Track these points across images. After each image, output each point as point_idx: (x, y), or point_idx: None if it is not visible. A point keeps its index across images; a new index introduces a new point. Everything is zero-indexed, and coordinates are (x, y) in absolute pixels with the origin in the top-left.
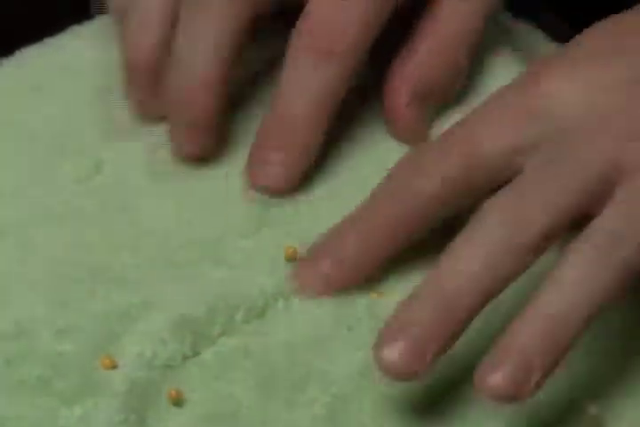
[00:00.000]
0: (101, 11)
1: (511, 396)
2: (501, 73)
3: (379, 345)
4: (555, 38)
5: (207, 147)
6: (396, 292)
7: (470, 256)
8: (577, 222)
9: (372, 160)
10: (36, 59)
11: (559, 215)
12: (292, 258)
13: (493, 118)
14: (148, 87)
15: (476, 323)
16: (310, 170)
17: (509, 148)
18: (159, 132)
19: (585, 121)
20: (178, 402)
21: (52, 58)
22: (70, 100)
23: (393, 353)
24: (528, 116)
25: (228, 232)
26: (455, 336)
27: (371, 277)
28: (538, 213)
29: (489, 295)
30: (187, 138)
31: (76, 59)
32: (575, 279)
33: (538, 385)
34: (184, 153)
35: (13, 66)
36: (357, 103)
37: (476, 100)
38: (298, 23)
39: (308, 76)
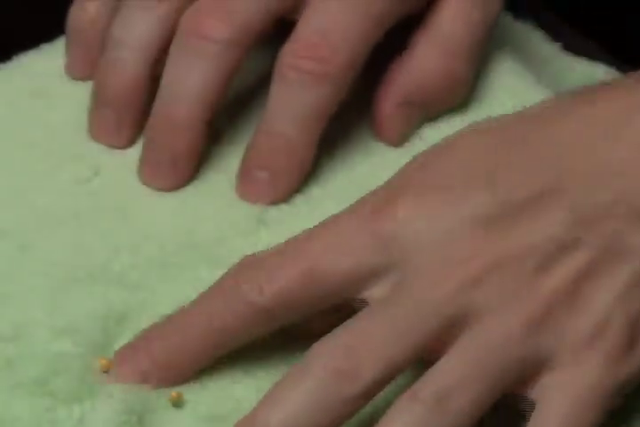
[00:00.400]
0: None
1: None
2: (504, 80)
3: None
4: (555, 38)
5: (178, 184)
6: None
7: (293, 401)
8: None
9: (369, 159)
10: (36, 64)
11: (392, 364)
12: None
13: (337, 237)
14: (123, 118)
15: None
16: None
17: (348, 272)
18: None
19: (429, 260)
20: (178, 403)
21: (52, 63)
22: (69, 106)
23: None
24: (371, 243)
25: (226, 233)
26: None
27: None
28: (369, 364)
29: None
30: (160, 175)
31: None
32: None
33: None
34: (153, 186)
35: (12, 71)
36: (354, 102)
37: (476, 107)
38: (289, 40)
39: (297, 96)
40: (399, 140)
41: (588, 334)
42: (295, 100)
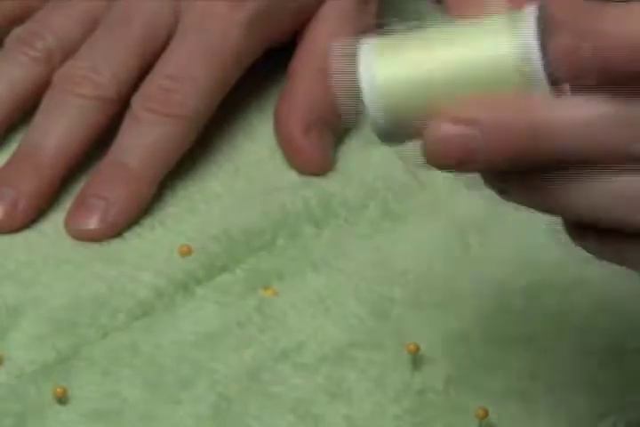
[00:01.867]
0: None
1: None
2: None
3: None
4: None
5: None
6: (291, 290)
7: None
8: None
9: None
10: None
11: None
12: (186, 255)
13: None
14: None
15: None
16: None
17: None
18: None
19: None
20: (62, 399)
21: None
22: None
23: None
24: None
25: (122, 232)
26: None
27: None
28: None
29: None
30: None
31: None
32: None
33: None
34: None
35: None
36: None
37: None
38: (144, 83)
39: (146, 132)
40: (318, 166)
41: None
42: (143, 135)
